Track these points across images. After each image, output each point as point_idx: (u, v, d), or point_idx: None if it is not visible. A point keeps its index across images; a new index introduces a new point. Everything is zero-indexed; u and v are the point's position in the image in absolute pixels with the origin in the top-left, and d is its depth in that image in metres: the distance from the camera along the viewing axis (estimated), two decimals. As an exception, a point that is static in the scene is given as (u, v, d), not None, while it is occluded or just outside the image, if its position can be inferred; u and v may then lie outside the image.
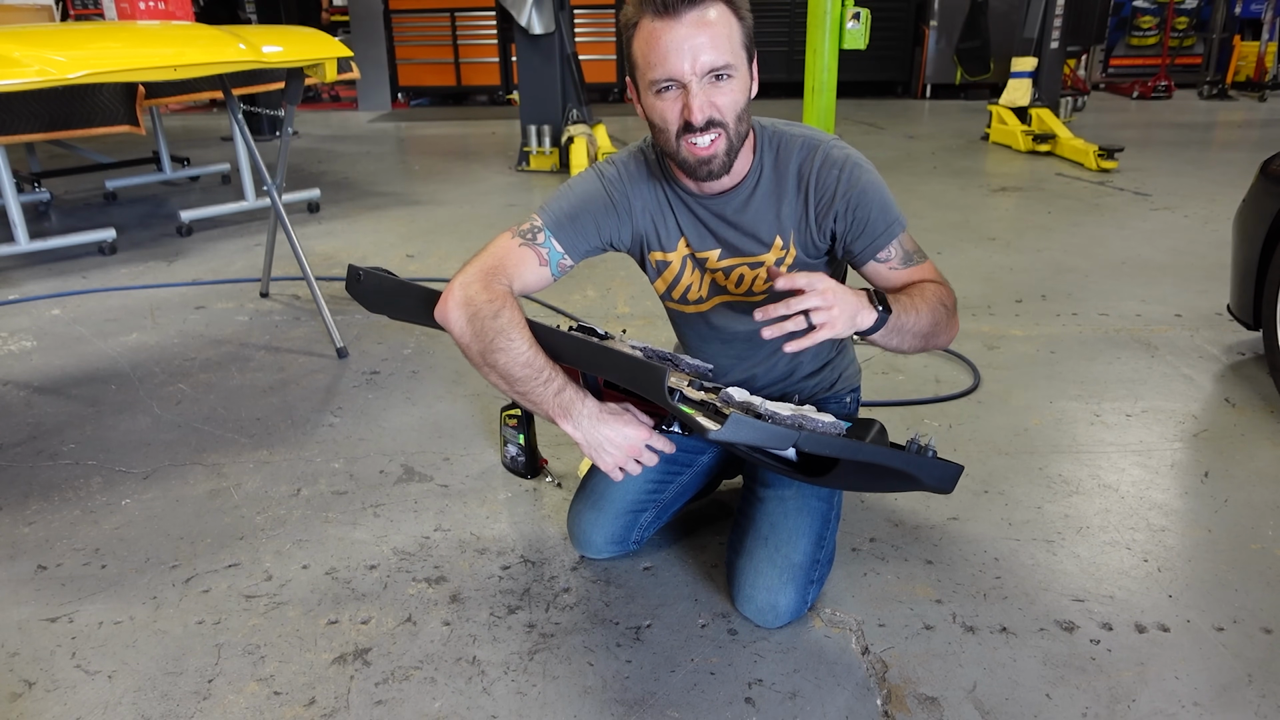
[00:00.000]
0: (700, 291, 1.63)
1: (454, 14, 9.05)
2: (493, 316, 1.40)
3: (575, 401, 1.41)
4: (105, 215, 4.69)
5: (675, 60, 1.33)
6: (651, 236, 1.60)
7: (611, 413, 1.43)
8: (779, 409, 1.30)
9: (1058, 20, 6.23)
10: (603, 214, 1.55)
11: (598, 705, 1.40)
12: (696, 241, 1.58)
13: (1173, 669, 1.46)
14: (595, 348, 1.37)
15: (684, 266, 1.62)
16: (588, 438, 1.43)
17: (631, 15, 1.37)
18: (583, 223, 1.54)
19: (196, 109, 9.02)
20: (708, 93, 1.35)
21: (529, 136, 5.67)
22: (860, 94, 9.41)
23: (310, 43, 2.86)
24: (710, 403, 1.30)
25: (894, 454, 1.37)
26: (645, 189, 1.57)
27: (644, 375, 1.26)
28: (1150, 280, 3.41)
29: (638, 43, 1.37)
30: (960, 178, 5.40)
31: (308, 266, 2.93)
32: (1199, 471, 2.07)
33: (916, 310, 1.42)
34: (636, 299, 3.28)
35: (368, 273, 1.60)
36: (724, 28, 1.34)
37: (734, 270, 1.58)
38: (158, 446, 2.25)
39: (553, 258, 1.53)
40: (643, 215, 1.58)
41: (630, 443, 1.43)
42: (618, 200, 1.56)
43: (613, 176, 1.57)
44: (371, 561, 1.77)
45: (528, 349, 1.40)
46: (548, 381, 1.41)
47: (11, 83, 2.20)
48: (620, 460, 1.44)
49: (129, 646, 1.54)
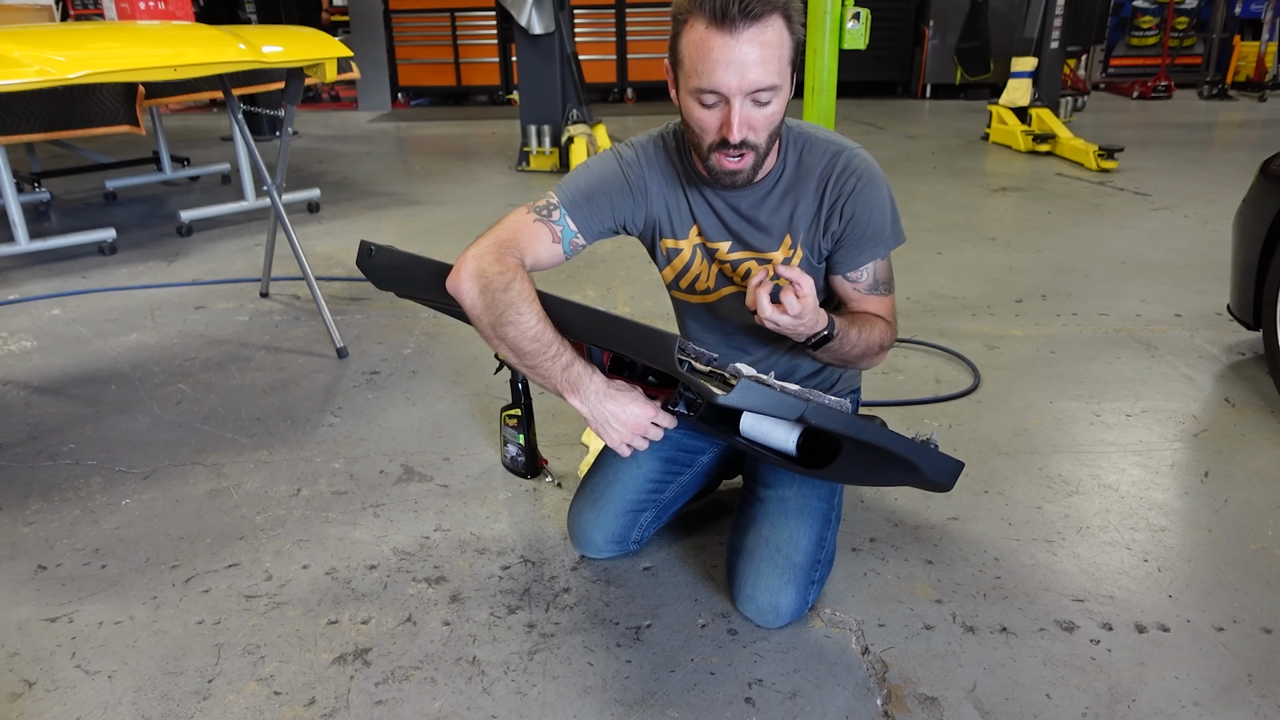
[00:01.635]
0: (708, 282, 1.64)
1: (454, 14, 9.05)
2: (504, 289, 1.40)
3: (584, 376, 1.42)
4: (105, 215, 4.69)
5: (723, 76, 1.31)
6: (664, 223, 1.60)
7: (619, 389, 1.43)
8: (787, 385, 1.30)
9: (1058, 20, 6.23)
10: (618, 196, 1.56)
11: (598, 705, 1.40)
12: (709, 231, 1.58)
13: (1173, 669, 1.46)
14: (606, 318, 1.37)
15: (694, 255, 1.62)
16: (595, 412, 1.43)
17: (685, 8, 1.33)
18: (598, 203, 1.54)
19: (196, 109, 9.02)
20: (749, 112, 1.34)
21: (529, 136, 5.67)
22: (860, 94, 9.41)
23: (310, 43, 2.86)
24: (719, 374, 1.30)
25: (898, 439, 1.36)
26: (662, 175, 1.57)
27: (654, 344, 1.26)
28: (1150, 280, 3.41)
29: (686, 42, 1.33)
30: (960, 178, 5.40)
31: (308, 266, 2.93)
32: (1199, 471, 2.07)
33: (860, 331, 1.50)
34: (637, 299, 3.28)
35: (379, 248, 1.59)
36: (777, 47, 1.31)
37: (742, 264, 1.59)
38: (158, 446, 2.25)
39: (566, 235, 1.53)
40: (658, 201, 1.58)
41: (636, 419, 1.43)
42: (634, 183, 1.56)
43: (630, 159, 1.57)
44: (371, 561, 1.77)
45: (537, 323, 1.40)
46: (556, 356, 1.41)
47: (11, 83, 2.20)
48: (626, 436, 1.44)
49: (129, 646, 1.54)
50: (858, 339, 1.49)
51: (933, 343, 2.81)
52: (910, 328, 2.94)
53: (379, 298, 3.35)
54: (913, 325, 2.97)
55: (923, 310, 3.13)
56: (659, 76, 9.23)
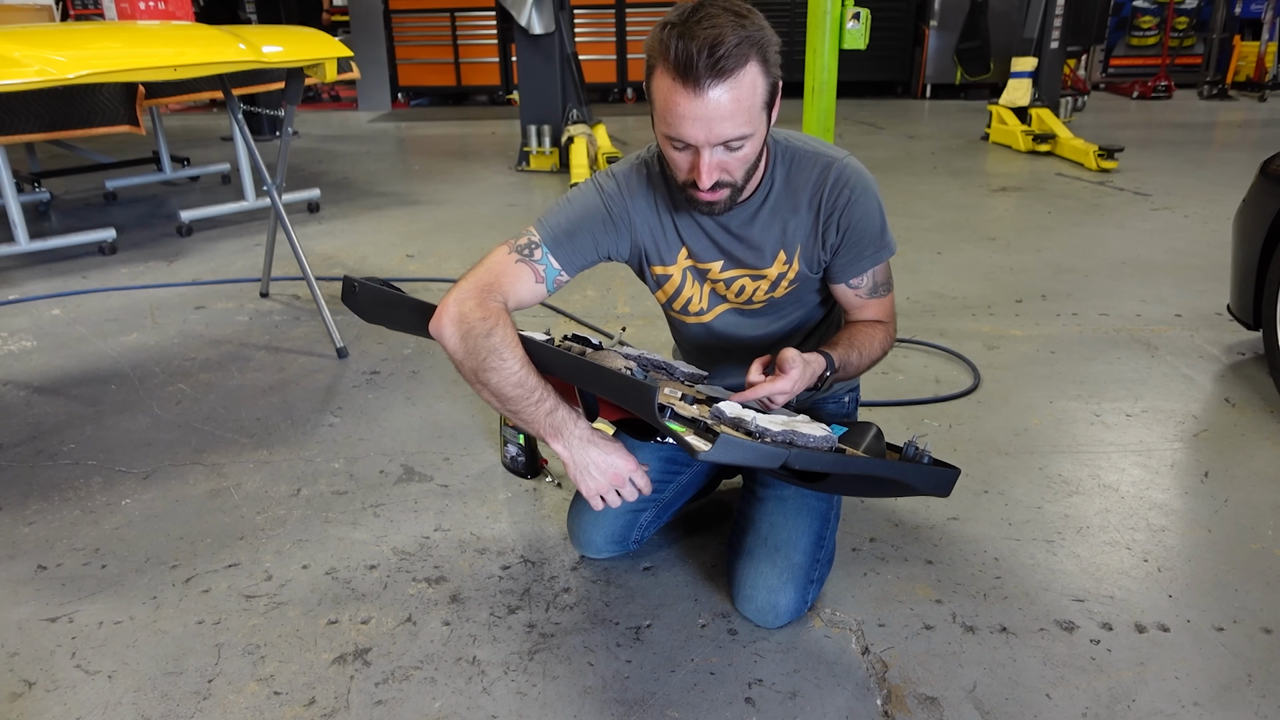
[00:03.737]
0: (701, 304, 1.64)
1: (454, 14, 9.04)
2: (485, 335, 1.39)
3: (567, 422, 1.43)
4: (105, 215, 4.69)
5: (690, 130, 1.29)
6: (651, 251, 1.59)
7: (603, 438, 1.45)
8: (770, 424, 1.29)
9: (1058, 20, 6.23)
10: (600, 230, 1.54)
11: (598, 705, 1.40)
12: (699, 252, 1.57)
13: (1173, 669, 1.46)
14: (587, 366, 1.37)
15: (684, 279, 1.61)
16: (576, 459, 1.43)
17: (655, 53, 1.29)
18: (580, 240, 1.53)
19: (196, 109, 9.02)
20: (720, 157, 1.33)
21: (529, 136, 5.67)
22: (860, 94, 9.41)
23: (310, 43, 2.86)
24: (701, 420, 1.30)
25: (887, 465, 1.37)
26: (646, 203, 1.55)
27: (634, 393, 1.25)
28: (1150, 280, 3.41)
29: (656, 86, 1.31)
30: (960, 178, 5.40)
31: (308, 266, 2.93)
32: (1199, 471, 2.07)
33: (859, 352, 1.53)
34: (636, 299, 3.28)
35: (363, 284, 1.60)
36: (750, 97, 1.27)
37: (735, 281, 1.59)
38: (158, 446, 2.25)
39: (549, 274, 1.52)
40: (642, 229, 1.57)
41: (616, 471, 1.45)
42: (617, 215, 1.54)
43: (612, 191, 1.55)
44: (371, 561, 1.77)
45: (519, 369, 1.39)
46: (539, 401, 1.41)
47: (11, 83, 2.20)
48: (602, 487, 1.45)
49: (129, 646, 1.54)
50: (859, 360, 1.52)
51: (933, 343, 2.81)
52: (910, 328, 2.94)
53: (379, 298, 3.35)
54: (913, 325, 2.97)
55: (923, 310, 3.13)
56: (659, 76, 9.25)
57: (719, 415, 1.32)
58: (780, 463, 1.24)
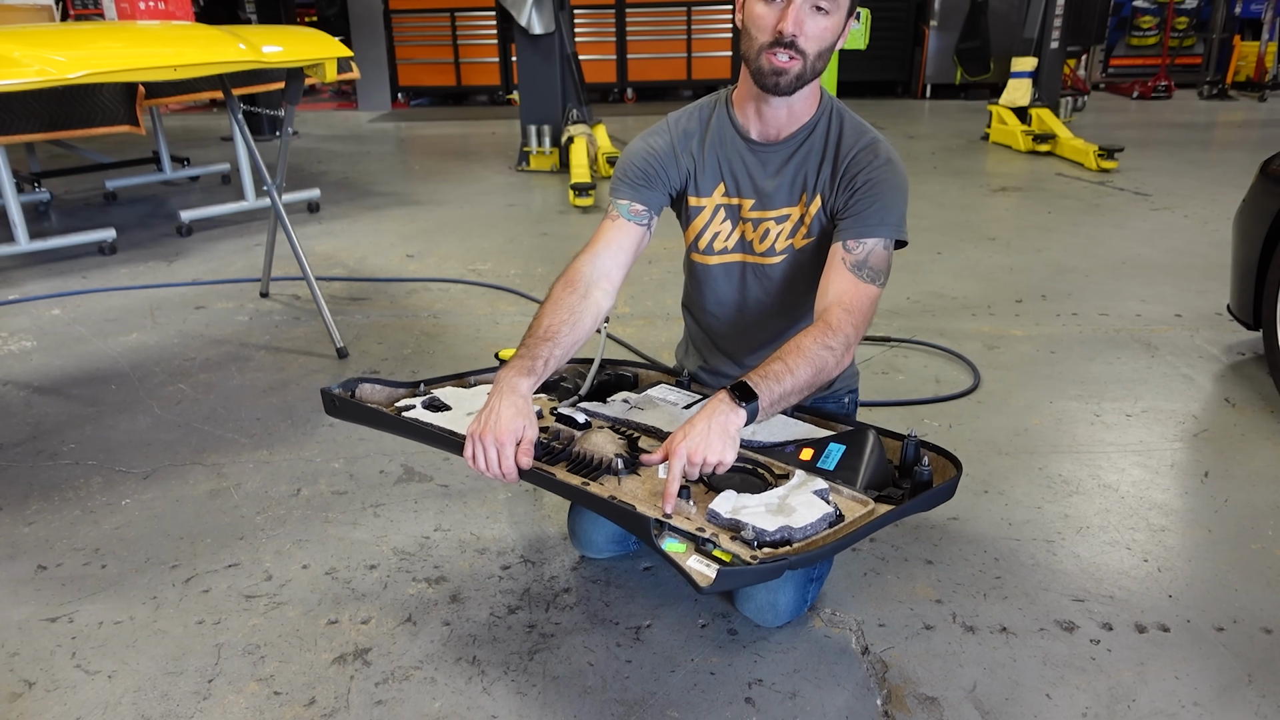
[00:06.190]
0: (726, 242, 1.69)
1: (454, 14, 9.04)
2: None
3: (510, 370, 1.42)
4: (105, 215, 4.69)
5: None
6: (691, 178, 1.66)
7: (524, 402, 1.39)
8: (765, 520, 1.29)
9: (1058, 20, 6.23)
10: (667, 161, 1.65)
11: (598, 705, 1.40)
12: (733, 187, 1.64)
13: (1173, 669, 1.46)
14: (588, 496, 1.38)
15: (714, 214, 1.67)
16: (490, 400, 1.40)
17: None
18: (652, 177, 1.64)
19: (196, 109, 9.02)
20: (806, 15, 1.43)
21: (529, 136, 5.67)
22: (860, 94, 9.40)
23: (310, 43, 2.86)
24: (698, 535, 1.29)
25: (884, 521, 1.34)
26: (698, 131, 1.66)
27: (631, 523, 1.32)
28: (1150, 280, 3.41)
29: None
30: (960, 178, 5.40)
31: (308, 266, 2.93)
32: (1199, 471, 2.07)
33: (792, 373, 1.37)
34: (636, 299, 3.28)
35: (344, 402, 1.65)
36: None
37: (761, 223, 1.64)
38: (158, 446, 2.25)
39: (642, 220, 1.63)
40: (692, 156, 1.66)
41: (503, 428, 1.35)
42: (677, 141, 1.65)
43: (674, 119, 1.68)
44: (371, 561, 1.77)
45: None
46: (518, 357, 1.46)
47: (11, 83, 2.20)
48: (486, 441, 1.36)
49: (129, 646, 1.54)
50: (793, 384, 1.38)
51: (933, 343, 2.81)
52: (910, 328, 2.94)
53: (379, 298, 3.35)
54: (913, 325, 2.97)
55: (923, 310, 3.13)
56: (659, 76, 9.24)
57: (715, 517, 1.32)
58: (779, 575, 1.26)
